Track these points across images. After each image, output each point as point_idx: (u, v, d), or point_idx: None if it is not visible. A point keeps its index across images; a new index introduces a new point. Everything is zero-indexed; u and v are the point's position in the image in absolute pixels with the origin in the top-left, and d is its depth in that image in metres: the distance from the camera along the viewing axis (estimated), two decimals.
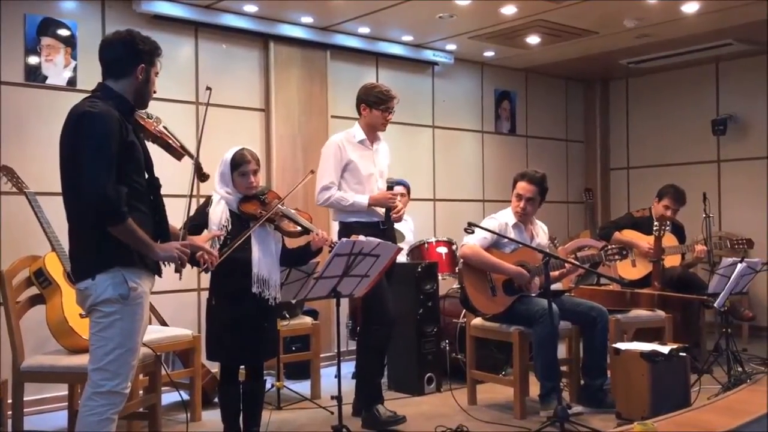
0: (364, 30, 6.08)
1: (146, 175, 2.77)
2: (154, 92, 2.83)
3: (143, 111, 2.89)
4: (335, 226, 4.42)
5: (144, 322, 2.73)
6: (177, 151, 2.99)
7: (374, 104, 4.16)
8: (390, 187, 5.68)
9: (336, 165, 4.11)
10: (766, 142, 7.17)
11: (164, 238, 2.80)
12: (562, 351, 4.50)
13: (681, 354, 3.91)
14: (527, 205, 4.41)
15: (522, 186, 4.41)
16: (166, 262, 2.78)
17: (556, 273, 4.39)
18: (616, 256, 4.43)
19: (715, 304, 4.63)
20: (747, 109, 7.32)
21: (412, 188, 5.84)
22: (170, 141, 2.98)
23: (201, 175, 3.07)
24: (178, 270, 2.77)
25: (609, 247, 4.47)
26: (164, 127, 2.99)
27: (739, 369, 4.53)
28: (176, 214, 3.03)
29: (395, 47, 6.50)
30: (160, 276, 2.82)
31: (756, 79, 7.23)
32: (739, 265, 4.56)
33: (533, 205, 4.43)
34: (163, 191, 2.88)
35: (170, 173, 3.14)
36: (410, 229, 5.87)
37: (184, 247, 2.76)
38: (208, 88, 3.09)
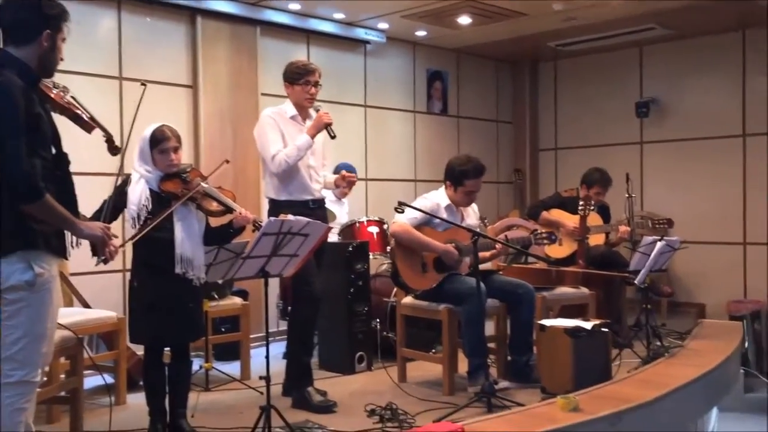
0: (295, 6, 5.99)
1: (53, 150, 2.60)
2: (61, 60, 2.65)
3: (49, 80, 2.73)
4: (266, 206, 4.36)
5: (54, 307, 2.60)
6: (87, 123, 2.82)
7: (294, 80, 4.13)
8: (337, 172, 5.67)
9: (276, 133, 4.06)
10: (686, 124, 7.42)
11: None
12: (490, 328, 4.58)
13: (603, 329, 4.03)
14: (476, 196, 4.49)
15: (473, 183, 4.42)
16: (74, 245, 2.65)
17: (487, 254, 4.46)
18: (545, 240, 4.53)
19: (635, 281, 4.79)
20: (668, 93, 7.55)
21: None
22: (79, 112, 2.80)
23: (113, 148, 2.95)
24: (96, 253, 2.66)
25: (539, 231, 4.56)
26: (72, 98, 2.81)
27: (658, 343, 4.70)
28: (93, 193, 2.93)
29: (326, 25, 6.43)
30: (65, 258, 2.67)
31: (677, 63, 7.47)
32: (659, 244, 4.71)
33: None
34: (76, 168, 2.75)
35: (81, 148, 3.01)
36: (345, 211, 5.86)
37: (106, 229, 2.65)
38: (143, 84, 2.93)
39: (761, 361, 6.67)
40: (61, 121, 2.74)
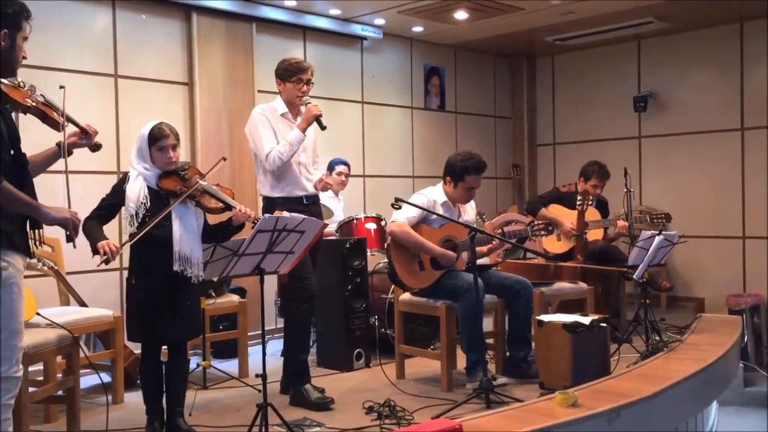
0: (290, 2, 5.96)
1: (11, 152, 2.54)
2: (24, 58, 2.60)
3: (13, 79, 2.66)
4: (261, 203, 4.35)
5: (24, 302, 2.57)
6: (55, 122, 2.76)
7: (286, 77, 4.11)
8: (331, 168, 5.68)
9: (268, 130, 4.05)
10: (685, 118, 7.40)
11: (34, 221, 2.61)
12: (488, 324, 4.57)
13: (601, 325, 4.01)
14: (475, 193, 4.46)
15: (474, 180, 4.38)
16: (38, 244, 2.61)
17: (485, 248, 4.44)
18: (542, 232, 4.52)
19: (634, 276, 4.78)
20: (666, 86, 7.53)
21: None
22: (47, 111, 2.74)
23: (92, 145, 2.93)
24: (70, 239, 2.61)
25: (536, 222, 4.55)
26: (42, 96, 2.76)
27: (657, 338, 4.69)
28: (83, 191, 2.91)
29: (323, 21, 6.40)
30: (30, 257, 2.64)
31: (675, 56, 7.45)
32: (657, 238, 4.70)
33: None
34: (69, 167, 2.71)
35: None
36: (341, 207, 5.85)
37: (74, 213, 2.60)
38: (62, 87, 2.81)
39: (760, 354, 6.67)
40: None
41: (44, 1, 4.88)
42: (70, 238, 2.62)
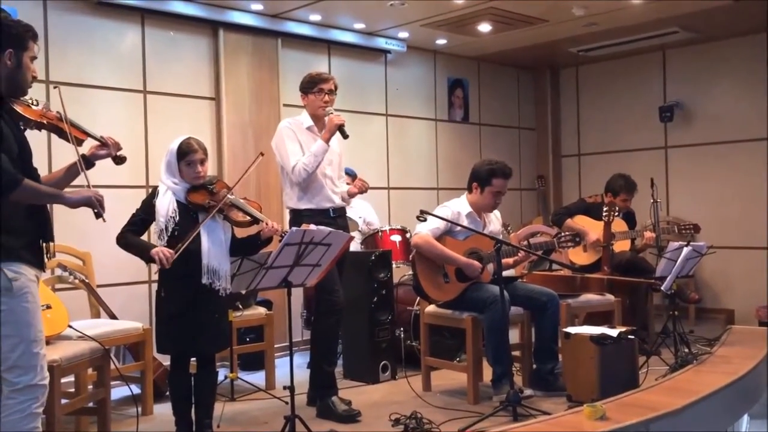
0: (316, 17, 6.02)
1: (22, 166, 2.58)
2: (34, 77, 2.67)
3: (27, 98, 2.71)
4: (288, 216, 4.39)
5: (39, 311, 2.61)
6: (70, 137, 2.80)
7: (308, 89, 4.19)
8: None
9: (294, 143, 4.11)
10: (711, 128, 7.33)
11: (48, 234, 2.67)
12: (514, 336, 4.55)
13: (629, 337, 3.98)
14: (501, 199, 4.46)
15: (500, 183, 4.39)
16: (49, 256, 2.66)
17: (510, 260, 4.44)
18: (569, 243, 4.49)
19: (662, 288, 4.73)
20: (692, 96, 7.47)
21: (366, 177, 5.80)
22: (62, 126, 2.79)
23: (116, 158, 2.98)
24: (99, 215, 2.65)
25: (562, 234, 4.54)
26: (58, 113, 2.80)
27: (686, 350, 4.64)
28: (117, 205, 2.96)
29: (347, 35, 6.46)
30: (43, 270, 2.70)
31: (701, 66, 7.39)
32: (685, 249, 4.66)
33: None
34: (103, 181, 2.77)
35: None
36: (364, 214, 5.82)
37: (96, 191, 2.66)
38: (56, 87, 2.88)
39: None
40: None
41: (75, 20, 4.99)
42: (98, 215, 2.67)
